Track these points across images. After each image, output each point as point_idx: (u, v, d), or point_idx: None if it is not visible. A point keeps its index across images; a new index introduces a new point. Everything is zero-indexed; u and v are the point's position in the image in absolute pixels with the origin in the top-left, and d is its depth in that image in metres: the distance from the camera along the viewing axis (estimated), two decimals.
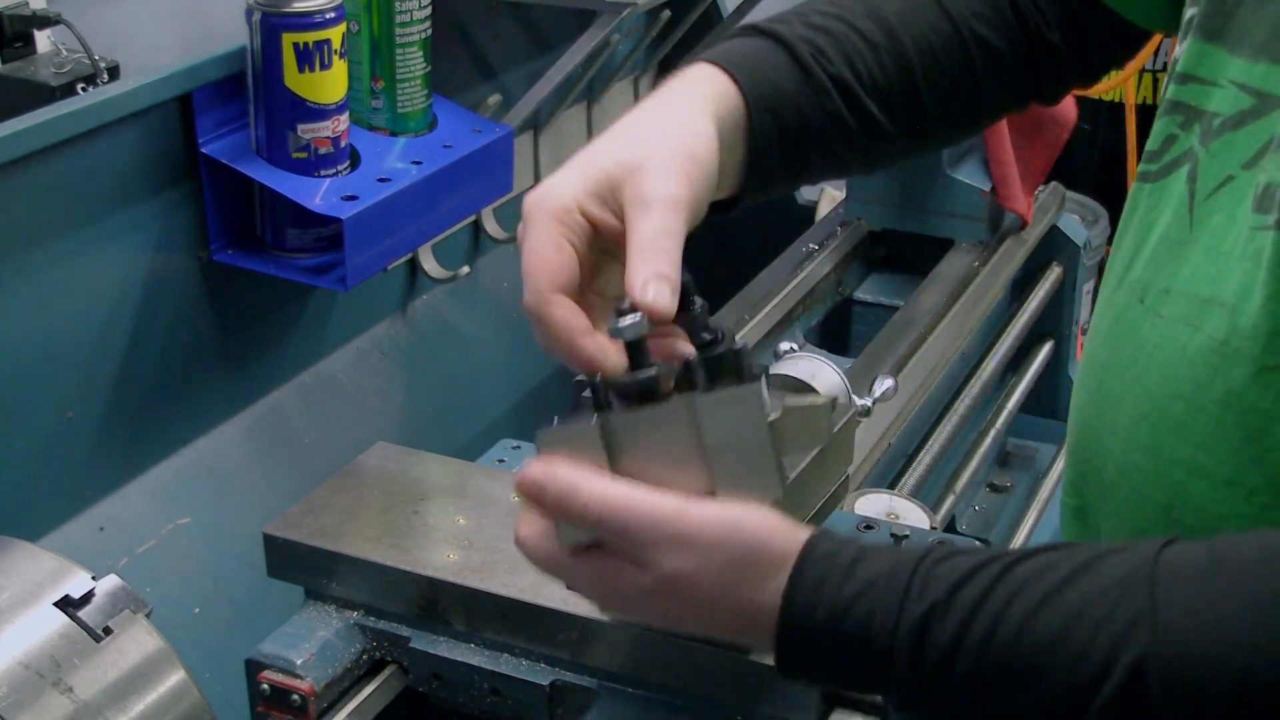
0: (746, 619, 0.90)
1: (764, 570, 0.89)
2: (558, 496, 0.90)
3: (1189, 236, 1.00)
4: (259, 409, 1.83)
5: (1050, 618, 0.83)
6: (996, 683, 0.84)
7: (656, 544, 0.89)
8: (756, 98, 1.04)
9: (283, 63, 1.62)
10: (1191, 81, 1.03)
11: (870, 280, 2.44)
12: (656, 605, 0.91)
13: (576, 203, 0.93)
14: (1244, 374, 0.95)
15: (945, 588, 0.86)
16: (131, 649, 1.02)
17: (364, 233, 1.66)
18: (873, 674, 0.87)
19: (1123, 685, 0.81)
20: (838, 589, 0.87)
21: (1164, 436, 1.00)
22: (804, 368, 1.63)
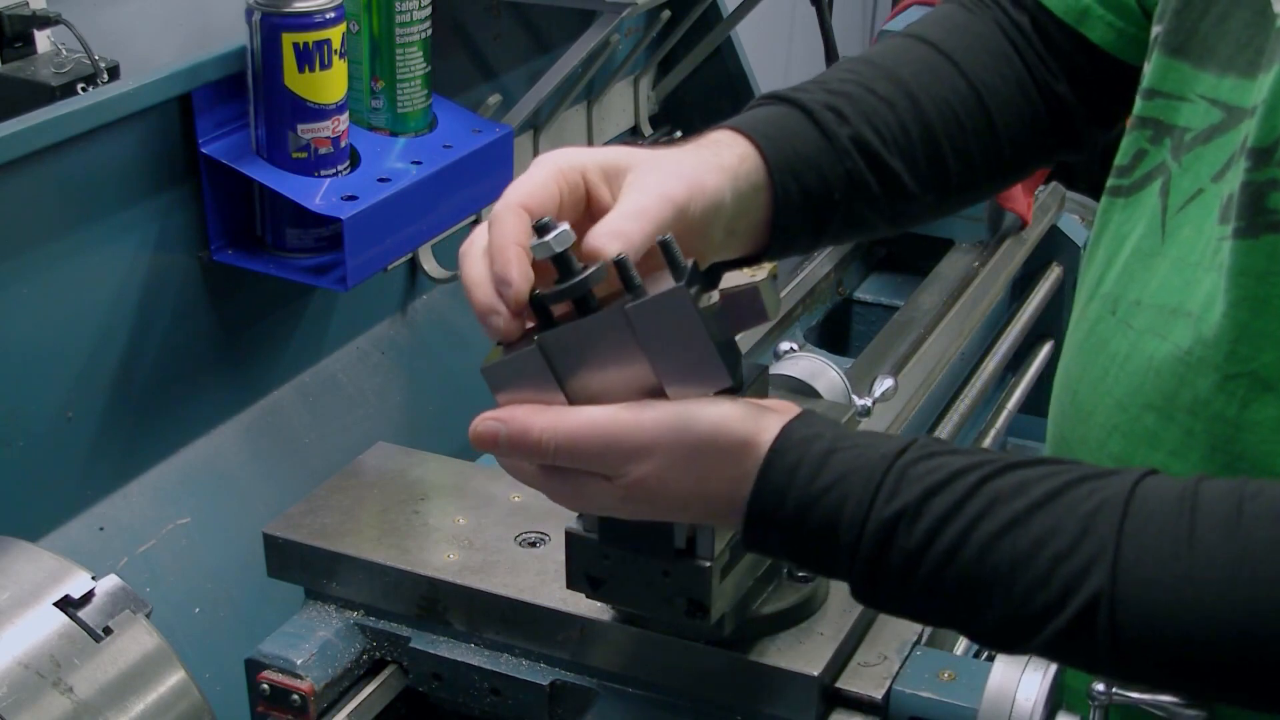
0: (718, 507, 0.91)
1: (727, 458, 0.89)
2: (510, 440, 0.92)
3: (1160, 249, 1.01)
4: (259, 409, 1.83)
5: (1015, 542, 0.83)
6: (953, 597, 0.85)
7: (617, 459, 0.90)
8: (778, 162, 1.05)
9: (283, 63, 1.62)
10: (1158, 97, 1.03)
11: (870, 280, 2.44)
12: (631, 508, 0.92)
13: (582, 164, 0.96)
14: (1209, 382, 0.96)
15: (918, 492, 0.85)
16: (131, 649, 1.02)
17: (364, 233, 1.66)
18: (834, 566, 0.88)
19: (1072, 620, 0.81)
20: (809, 480, 0.87)
21: (1136, 447, 1.01)
22: (804, 368, 1.63)
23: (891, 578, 0.86)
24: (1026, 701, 1.05)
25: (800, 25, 3.90)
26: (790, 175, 1.05)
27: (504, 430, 0.92)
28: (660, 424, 0.89)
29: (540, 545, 1.21)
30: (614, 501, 0.92)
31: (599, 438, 0.90)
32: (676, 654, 1.11)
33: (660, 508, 0.92)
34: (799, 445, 0.88)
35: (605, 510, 0.95)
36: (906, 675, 1.11)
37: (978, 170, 1.16)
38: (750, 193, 1.03)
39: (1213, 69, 0.99)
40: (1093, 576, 0.81)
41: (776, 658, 1.09)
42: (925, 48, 1.15)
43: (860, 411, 1.69)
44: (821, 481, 0.87)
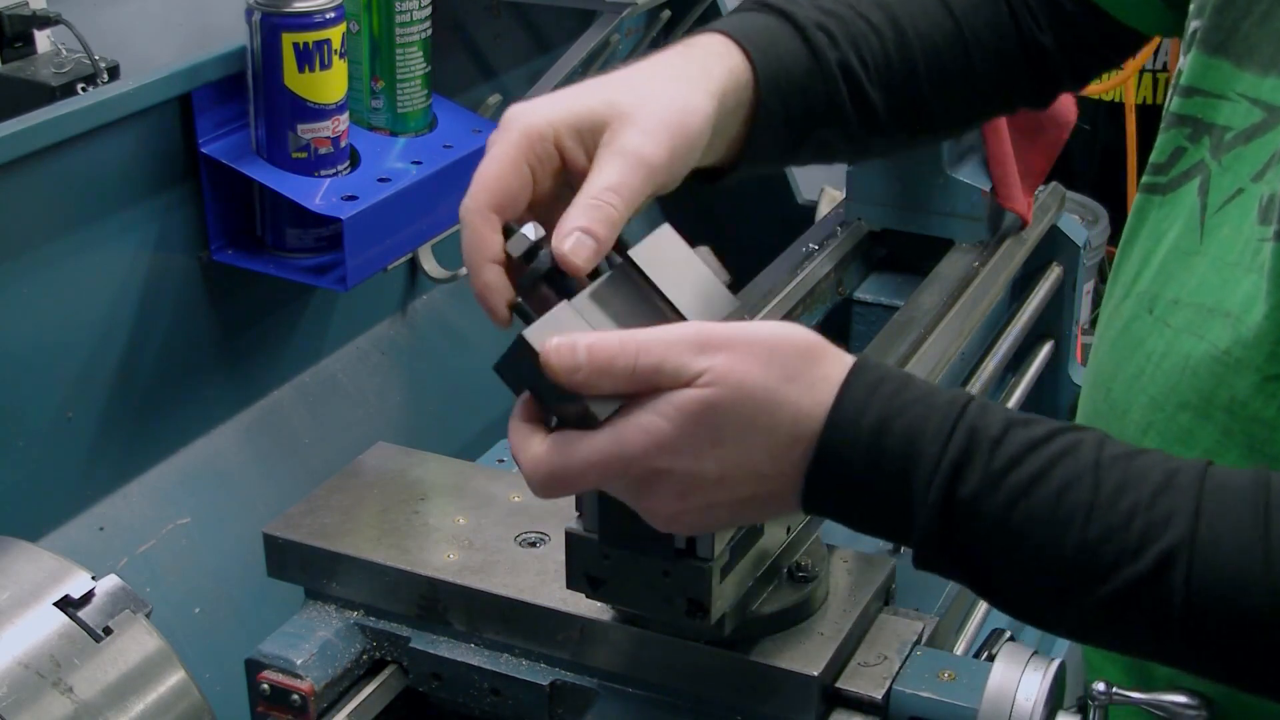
0: (786, 424, 0.83)
1: (813, 364, 0.84)
2: (590, 350, 0.82)
3: (1198, 248, 1.01)
4: (259, 409, 1.83)
5: (1097, 485, 0.81)
6: (1023, 533, 0.81)
7: (702, 350, 0.82)
8: (768, 80, 1.02)
9: (283, 63, 1.62)
10: (1197, 95, 1.03)
11: (870, 280, 2.44)
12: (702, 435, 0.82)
13: (554, 130, 0.92)
14: (1248, 383, 0.95)
15: (1002, 423, 0.82)
16: (131, 649, 1.02)
17: (364, 233, 1.66)
18: (904, 497, 0.82)
19: (1149, 572, 0.79)
20: (892, 395, 0.83)
21: (1171, 446, 1.00)
22: None
23: (966, 505, 0.81)
24: (1026, 701, 1.05)
25: None
26: (776, 95, 1.03)
27: (581, 345, 0.83)
28: (737, 326, 0.84)
29: (540, 545, 1.21)
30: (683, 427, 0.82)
31: (682, 334, 0.83)
32: (676, 654, 1.11)
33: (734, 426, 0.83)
34: (878, 367, 0.85)
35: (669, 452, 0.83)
36: (906, 675, 1.11)
37: (952, 109, 1.15)
38: (734, 109, 1.01)
39: (1255, 68, 0.99)
40: (1172, 528, 0.79)
41: (776, 658, 1.09)
42: None
43: None
44: (906, 396, 0.83)
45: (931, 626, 1.18)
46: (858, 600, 1.14)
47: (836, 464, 0.83)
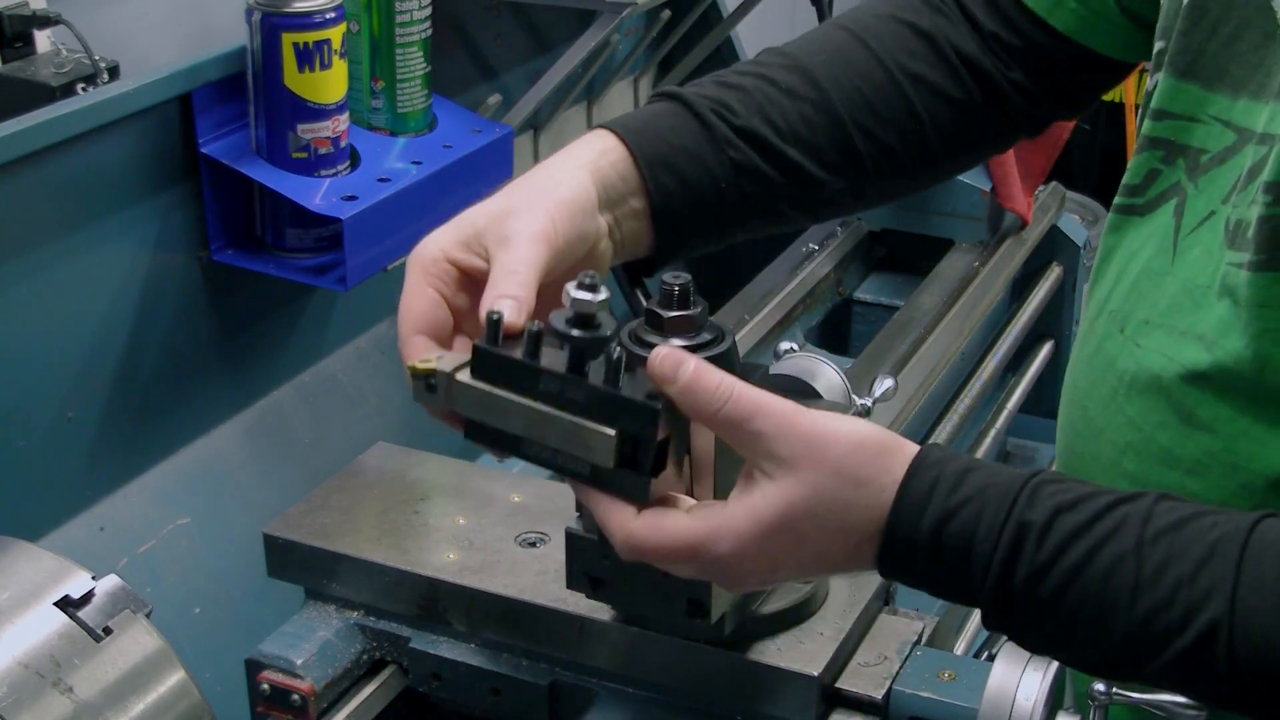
0: (856, 526, 0.89)
1: (883, 467, 0.88)
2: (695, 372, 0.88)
3: (1169, 269, 1.02)
4: (259, 409, 1.83)
5: (1140, 564, 0.84)
6: (1077, 615, 0.85)
7: (788, 432, 0.88)
8: (647, 153, 1.06)
9: (283, 63, 1.62)
10: (1169, 118, 1.03)
11: (870, 280, 2.44)
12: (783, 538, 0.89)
13: (444, 253, 0.99)
14: (1233, 404, 0.96)
15: (1050, 508, 0.86)
16: (131, 649, 1.02)
17: (364, 233, 1.66)
18: (966, 582, 0.87)
19: (1192, 644, 0.82)
20: (948, 494, 0.87)
21: (1151, 466, 1.01)
22: (804, 367, 1.63)
23: (1019, 592, 0.86)
24: (1026, 701, 1.05)
25: (800, 25, 3.90)
26: (662, 165, 1.06)
27: (690, 364, 0.88)
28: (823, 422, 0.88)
29: (540, 545, 1.21)
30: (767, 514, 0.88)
31: (776, 405, 0.88)
32: (676, 654, 1.11)
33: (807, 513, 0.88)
34: (937, 464, 0.89)
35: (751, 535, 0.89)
36: (906, 675, 1.11)
37: (898, 157, 1.15)
38: (619, 183, 1.04)
39: (1225, 91, 0.99)
40: (1213, 602, 0.82)
41: (776, 658, 1.09)
42: (844, 35, 1.15)
43: (860, 411, 1.69)
44: (960, 495, 0.87)
45: (931, 626, 1.18)
46: (858, 600, 1.14)
47: (902, 559, 0.89)
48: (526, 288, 0.94)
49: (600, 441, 0.88)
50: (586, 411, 0.89)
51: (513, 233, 0.96)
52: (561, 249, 0.98)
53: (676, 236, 1.08)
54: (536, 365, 0.89)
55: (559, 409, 0.89)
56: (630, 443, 0.88)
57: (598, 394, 0.88)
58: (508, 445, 0.93)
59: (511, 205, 0.99)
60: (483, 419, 0.93)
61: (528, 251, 0.95)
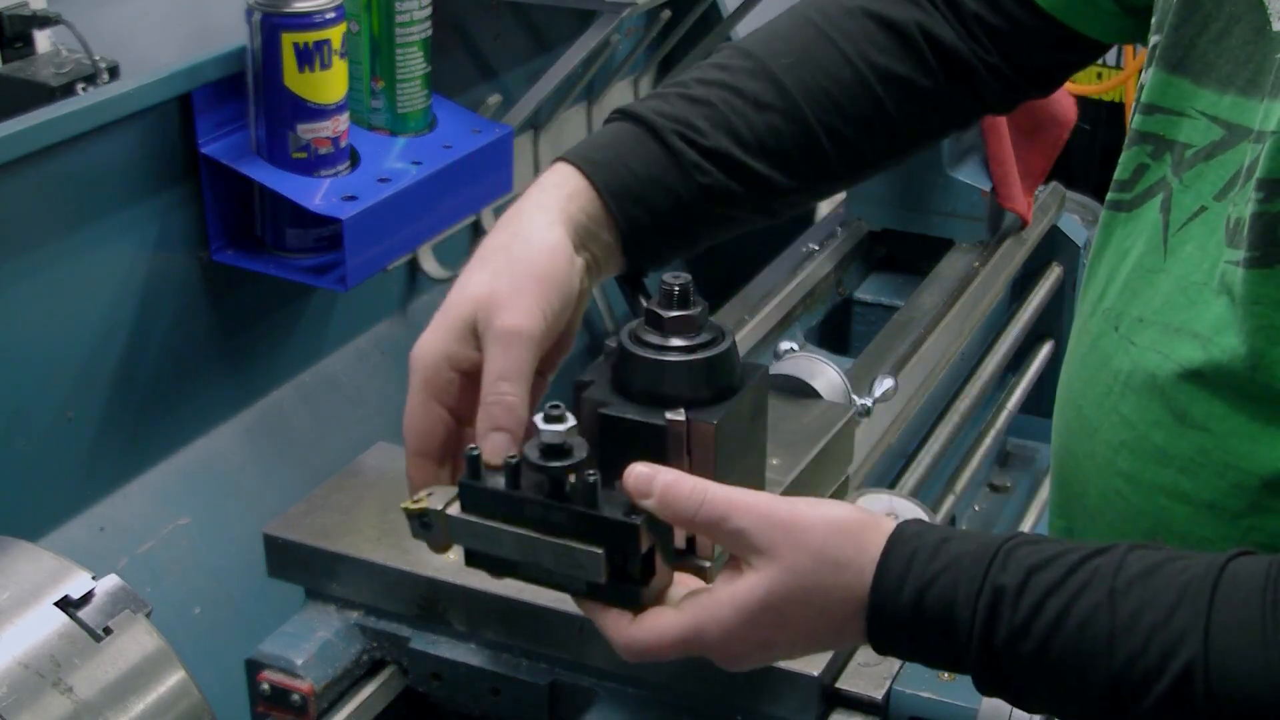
0: (840, 601, 0.91)
1: (861, 548, 0.90)
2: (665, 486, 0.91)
3: (1162, 266, 1.02)
4: (259, 409, 1.83)
5: (1115, 613, 0.85)
6: (1060, 668, 0.87)
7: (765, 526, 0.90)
8: (614, 189, 1.06)
9: (283, 63, 1.62)
10: (1158, 112, 1.03)
11: (870, 280, 2.44)
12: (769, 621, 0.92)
13: (444, 358, 1.01)
14: (1225, 403, 0.96)
15: (1023, 570, 0.88)
16: (131, 649, 1.02)
17: (364, 233, 1.66)
18: (953, 649, 0.89)
19: (1171, 688, 0.84)
20: (925, 565, 0.89)
21: (1145, 464, 1.01)
22: (804, 367, 1.63)
23: (1001, 654, 0.88)
24: None
25: None
26: (629, 198, 1.07)
27: (661, 475, 0.92)
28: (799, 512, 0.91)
29: None
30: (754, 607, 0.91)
31: (748, 501, 0.91)
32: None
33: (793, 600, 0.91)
34: (913, 538, 0.91)
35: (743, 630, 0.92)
36: (906, 675, 1.11)
37: (863, 151, 1.16)
38: (590, 223, 1.06)
39: (1213, 85, 0.99)
40: (1186, 644, 0.84)
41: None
42: (812, 30, 1.15)
43: (860, 411, 1.69)
44: (936, 565, 0.89)
45: None
46: None
47: (890, 633, 0.91)
48: (514, 411, 0.97)
49: (590, 560, 0.92)
50: (573, 533, 0.92)
51: (502, 332, 0.99)
52: (551, 327, 1.01)
53: (648, 258, 1.11)
54: (519, 495, 0.93)
55: (547, 533, 0.93)
56: (619, 556, 0.92)
57: (580, 517, 0.92)
58: (507, 569, 0.97)
59: (498, 293, 1.00)
60: (478, 549, 0.97)
61: (518, 357, 0.98)
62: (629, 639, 0.93)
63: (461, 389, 1.02)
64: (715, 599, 0.92)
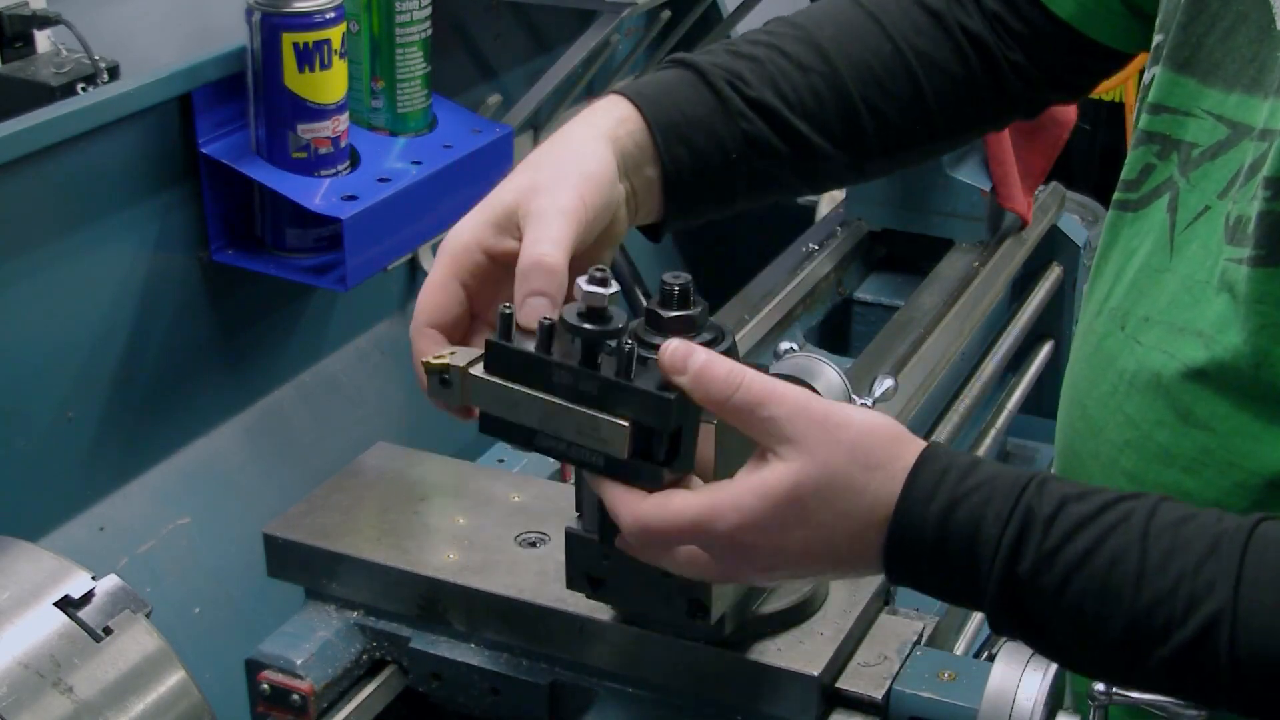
0: (864, 510, 0.89)
1: (894, 454, 0.89)
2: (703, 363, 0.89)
3: (1168, 266, 1.02)
4: (259, 409, 1.83)
5: (1145, 555, 0.85)
6: (1079, 604, 0.86)
7: (799, 417, 0.88)
8: (662, 124, 1.07)
9: (283, 63, 1.62)
10: (1165, 111, 1.03)
11: (870, 280, 2.44)
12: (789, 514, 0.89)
13: (476, 241, 0.99)
14: (1229, 401, 0.96)
15: (1057, 499, 0.87)
16: (131, 649, 1.02)
17: (364, 233, 1.66)
18: (972, 573, 0.87)
19: (1194, 636, 0.83)
20: (957, 483, 0.88)
21: (1149, 463, 1.01)
22: (804, 367, 1.63)
23: (1025, 579, 0.86)
24: (1027, 701, 1.05)
25: None
26: (675, 135, 1.07)
27: (699, 353, 0.89)
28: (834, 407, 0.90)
29: (540, 545, 1.21)
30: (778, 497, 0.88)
31: (786, 391, 0.89)
32: (676, 654, 1.11)
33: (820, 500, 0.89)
34: (946, 455, 0.90)
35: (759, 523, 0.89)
36: (906, 675, 1.11)
37: (901, 133, 1.16)
38: (636, 152, 1.05)
39: (1219, 85, 0.99)
40: (1216, 594, 0.83)
41: (776, 658, 1.09)
42: (854, 8, 1.16)
43: None
44: (968, 483, 0.88)
45: (931, 626, 1.18)
46: (858, 600, 1.14)
47: (909, 547, 0.89)
48: (556, 276, 0.94)
49: (615, 432, 0.89)
50: (600, 403, 0.90)
51: (542, 209, 0.97)
52: (590, 222, 0.99)
53: (686, 204, 1.10)
54: (549, 359, 0.90)
55: (573, 401, 0.90)
56: (644, 433, 0.89)
57: (611, 386, 0.89)
58: (522, 438, 0.94)
59: (540, 181, 0.99)
60: (497, 413, 0.94)
61: (558, 229, 0.96)
62: (637, 515, 0.90)
63: (488, 278, 0.99)
64: (737, 484, 0.89)
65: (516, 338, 0.92)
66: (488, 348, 0.93)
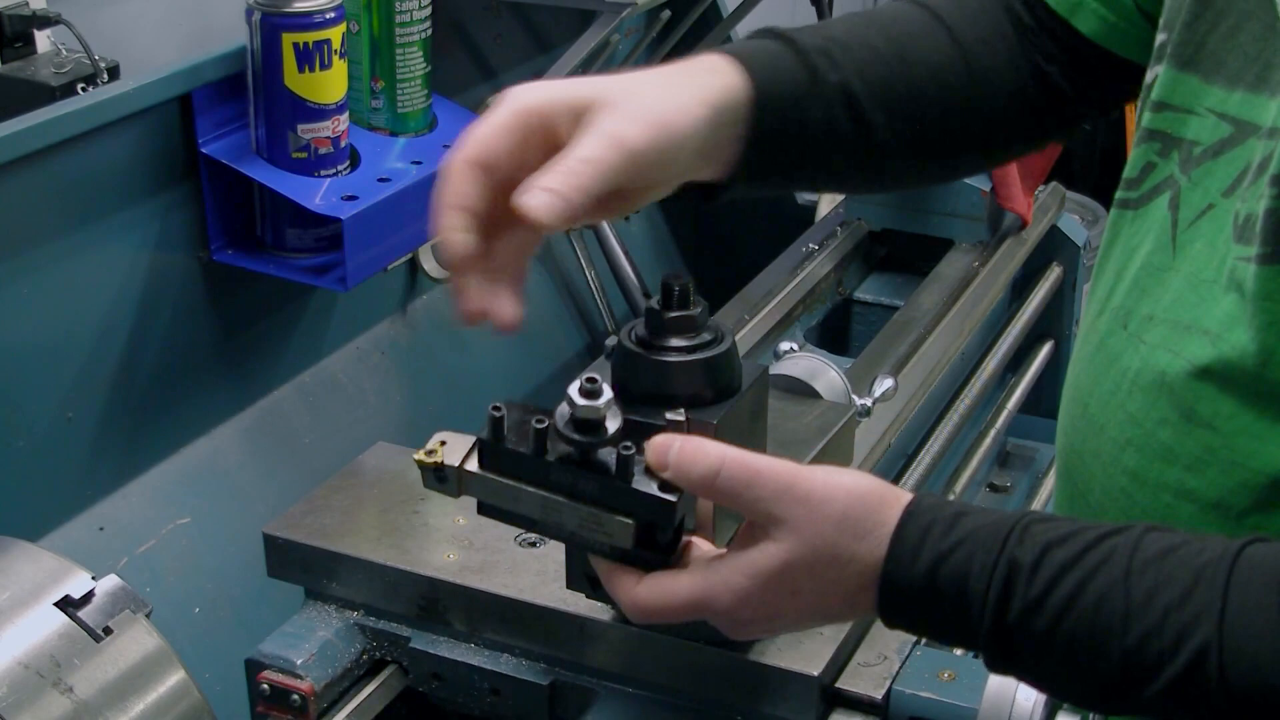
0: (854, 576, 0.91)
1: (879, 520, 0.90)
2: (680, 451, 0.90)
3: (1171, 264, 1.02)
4: (259, 409, 1.83)
5: (1130, 592, 0.85)
6: (1070, 646, 0.87)
7: (785, 496, 0.90)
8: (764, 98, 1.05)
9: (283, 63, 1.62)
10: (1167, 109, 1.03)
11: (870, 280, 2.44)
12: (781, 589, 0.91)
13: (548, 105, 0.97)
14: (1234, 400, 0.96)
15: (1040, 545, 0.88)
16: (131, 649, 1.02)
17: (364, 233, 1.66)
18: (965, 623, 0.89)
19: (1184, 670, 0.84)
20: (941, 538, 0.89)
21: (1151, 462, 1.02)
22: (804, 367, 1.63)
23: (1014, 630, 0.88)
24: (1026, 701, 1.05)
25: (800, 25, 3.90)
26: (772, 112, 1.06)
27: (678, 441, 0.91)
28: (819, 480, 0.91)
29: (540, 545, 1.21)
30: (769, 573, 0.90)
31: (770, 469, 0.91)
32: (676, 654, 1.11)
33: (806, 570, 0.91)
34: (930, 510, 0.91)
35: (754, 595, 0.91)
36: (906, 675, 1.11)
37: (959, 139, 1.17)
38: (729, 123, 1.04)
39: (1222, 82, 0.99)
40: (1202, 626, 0.84)
41: (776, 658, 1.09)
42: (923, 12, 1.16)
43: (860, 411, 1.69)
44: (953, 538, 0.89)
45: None
46: None
47: (901, 606, 0.91)
48: (578, 189, 0.92)
49: (620, 529, 0.91)
50: (601, 502, 0.91)
51: (608, 127, 0.94)
52: (641, 171, 0.96)
53: (753, 179, 1.09)
54: (546, 461, 0.92)
55: (572, 499, 0.92)
56: (648, 526, 0.91)
57: (613, 488, 0.91)
58: (523, 523, 0.96)
59: (624, 98, 0.96)
60: (496, 503, 0.95)
61: (607, 154, 0.93)
62: (636, 600, 0.92)
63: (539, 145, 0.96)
64: (729, 565, 0.91)
65: (509, 427, 0.93)
66: (480, 446, 0.94)
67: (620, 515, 0.91)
